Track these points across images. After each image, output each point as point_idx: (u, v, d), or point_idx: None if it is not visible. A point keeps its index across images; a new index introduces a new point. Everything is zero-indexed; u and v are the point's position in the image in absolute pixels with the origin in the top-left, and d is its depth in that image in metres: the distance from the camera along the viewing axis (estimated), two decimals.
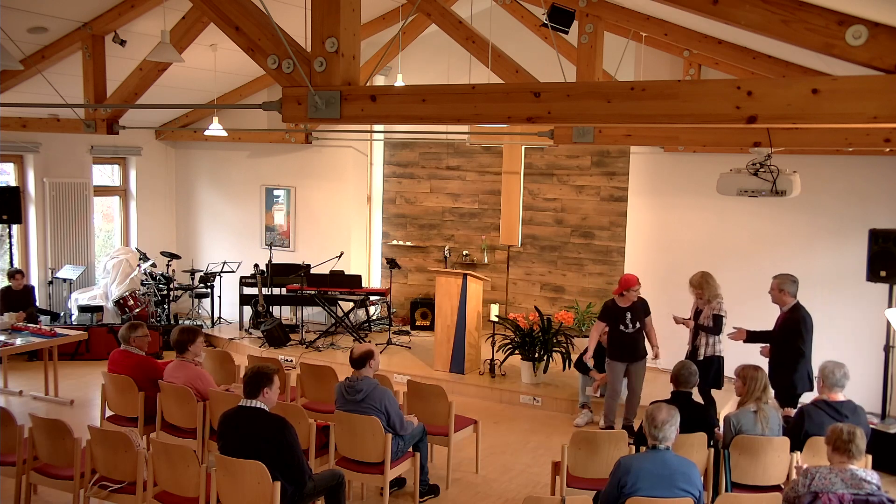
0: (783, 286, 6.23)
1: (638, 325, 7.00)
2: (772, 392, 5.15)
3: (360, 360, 5.30)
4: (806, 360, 6.07)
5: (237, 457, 4.31)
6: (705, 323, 6.72)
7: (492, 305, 8.95)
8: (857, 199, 7.90)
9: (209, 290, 10.92)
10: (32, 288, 9.68)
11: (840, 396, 4.97)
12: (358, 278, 10.05)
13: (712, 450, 4.97)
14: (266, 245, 11.13)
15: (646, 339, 7.12)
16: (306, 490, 4.49)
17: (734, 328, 6.59)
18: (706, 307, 6.74)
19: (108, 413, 6.27)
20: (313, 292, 10.01)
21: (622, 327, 6.99)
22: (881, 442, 6.25)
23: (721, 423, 5.19)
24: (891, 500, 3.77)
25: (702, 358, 6.71)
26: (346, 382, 5.35)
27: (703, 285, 6.74)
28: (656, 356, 7.14)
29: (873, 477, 3.82)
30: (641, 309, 7.06)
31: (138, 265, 10.46)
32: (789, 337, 6.15)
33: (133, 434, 4.80)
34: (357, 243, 11.08)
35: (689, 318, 6.92)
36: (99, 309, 10.11)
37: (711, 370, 6.75)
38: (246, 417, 4.41)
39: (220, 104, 10.29)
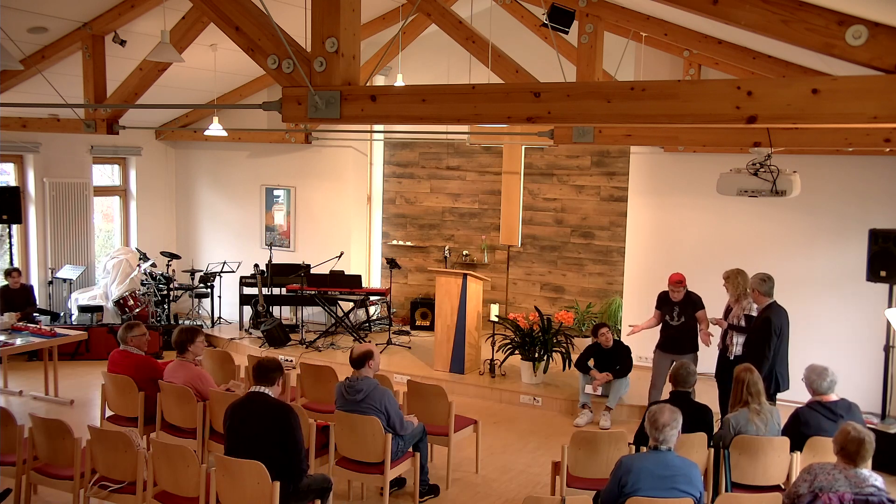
0: (754, 286, 6.24)
1: (684, 318, 7.10)
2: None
3: (360, 360, 5.30)
4: (771, 363, 5.97)
5: (242, 440, 4.46)
6: (734, 321, 6.54)
7: (492, 305, 8.95)
8: (857, 199, 7.90)
9: (209, 290, 10.93)
10: (32, 287, 9.67)
11: (833, 397, 4.97)
12: (358, 278, 10.05)
13: (712, 450, 4.97)
14: (266, 245, 11.13)
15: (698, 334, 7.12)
16: (302, 484, 4.54)
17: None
18: (736, 305, 6.59)
19: (108, 413, 6.27)
20: (313, 292, 10.01)
21: (668, 318, 7.22)
22: (881, 442, 6.19)
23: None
24: (891, 501, 3.76)
25: (732, 358, 6.49)
26: (346, 382, 5.35)
27: (732, 280, 6.59)
28: (704, 337, 7.04)
29: (877, 480, 3.80)
30: (690, 304, 7.12)
31: (138, 265, 10.46)
32: (753, 339, 6.17)
33: (133, 434, 4.81)
34: (357, 243, 11.07)
35: (721, 317, 6.76)
36: (99, 309, 10.11)
37: None
38: (255, 402, 4.56)
39: (220, 104, 10.28)
